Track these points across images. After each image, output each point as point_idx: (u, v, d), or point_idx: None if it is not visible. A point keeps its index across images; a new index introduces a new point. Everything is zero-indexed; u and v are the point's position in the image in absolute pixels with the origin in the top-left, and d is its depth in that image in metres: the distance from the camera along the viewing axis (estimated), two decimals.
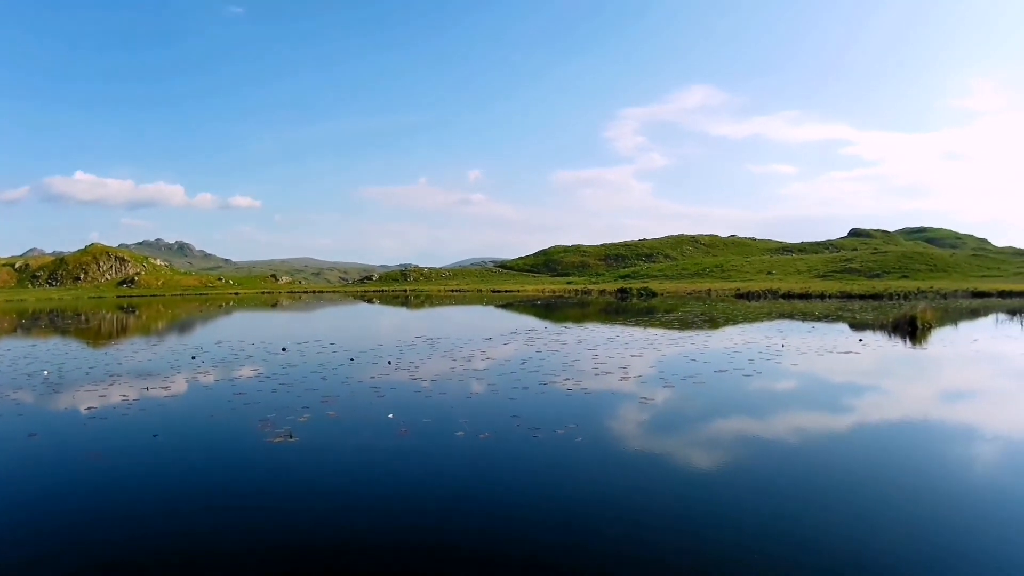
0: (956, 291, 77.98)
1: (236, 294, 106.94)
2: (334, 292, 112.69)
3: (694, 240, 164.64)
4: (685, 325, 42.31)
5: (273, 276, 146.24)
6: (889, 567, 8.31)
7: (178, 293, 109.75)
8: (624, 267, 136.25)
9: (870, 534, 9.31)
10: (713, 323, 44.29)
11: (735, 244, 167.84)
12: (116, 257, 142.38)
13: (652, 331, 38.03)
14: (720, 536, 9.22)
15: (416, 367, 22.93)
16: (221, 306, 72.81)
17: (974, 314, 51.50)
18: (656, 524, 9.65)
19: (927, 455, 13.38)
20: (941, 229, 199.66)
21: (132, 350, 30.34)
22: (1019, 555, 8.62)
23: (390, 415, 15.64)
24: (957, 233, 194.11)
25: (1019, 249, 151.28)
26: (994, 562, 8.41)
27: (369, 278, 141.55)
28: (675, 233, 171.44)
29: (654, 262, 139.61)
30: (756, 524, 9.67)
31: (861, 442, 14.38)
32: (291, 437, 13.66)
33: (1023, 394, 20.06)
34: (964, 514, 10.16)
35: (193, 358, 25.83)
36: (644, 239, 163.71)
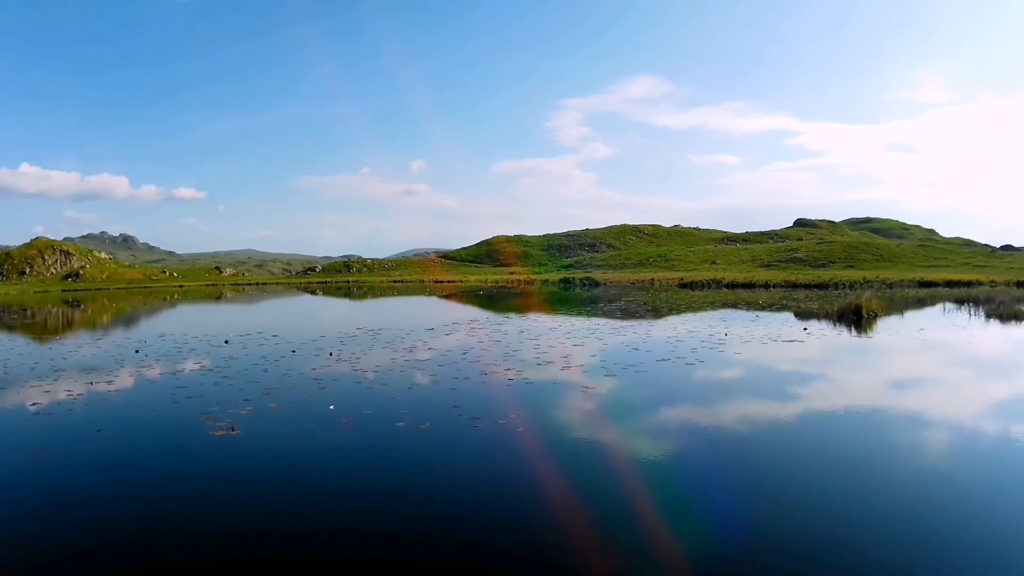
0: (902, 281, 78.32)
1: (180, 287, 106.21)
2: (277, 284, 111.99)
3: (637, 230, 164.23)
4: (628, 315, 42.43)
5: (217, 268, 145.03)
6: (839, 551, 8.48)
7: (122, 286, 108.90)
8: (567, 257, 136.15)
9: (819, 519, 9.48)
10: (656, 312, 44.39)
11: (679, 234, 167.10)
12: (61, 251, 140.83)
13: (595, 321, 38.15)
14: (664, 524, 9.29)
15: (358, 358, 22.92)
16: (165, 299, 72.28)
17: (921, 303, 51.86)
18: (598, 512, 9.70)
19: (872, 442, 13.54)
20: (888, 220, 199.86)
21: (77, 345, 30.09)
22: (966, 536, 8.81)
23: (331, 407, 15.65)
24: (904, 224, 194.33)
25: (967, 240, 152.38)
26: (942, 543, 8.62)
27: (312, 269, 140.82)
28: (618, 223, 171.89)
29: (597, 252, 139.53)
30: (701, 510, 9.80)
31: (805, 429, 14.62)
32: (233, 430, 13.64)
33: (968, 382, 20.28)
34: (912, 499, 10.34)
35: (137, 352, 25.66)
36: (587, 229, 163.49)
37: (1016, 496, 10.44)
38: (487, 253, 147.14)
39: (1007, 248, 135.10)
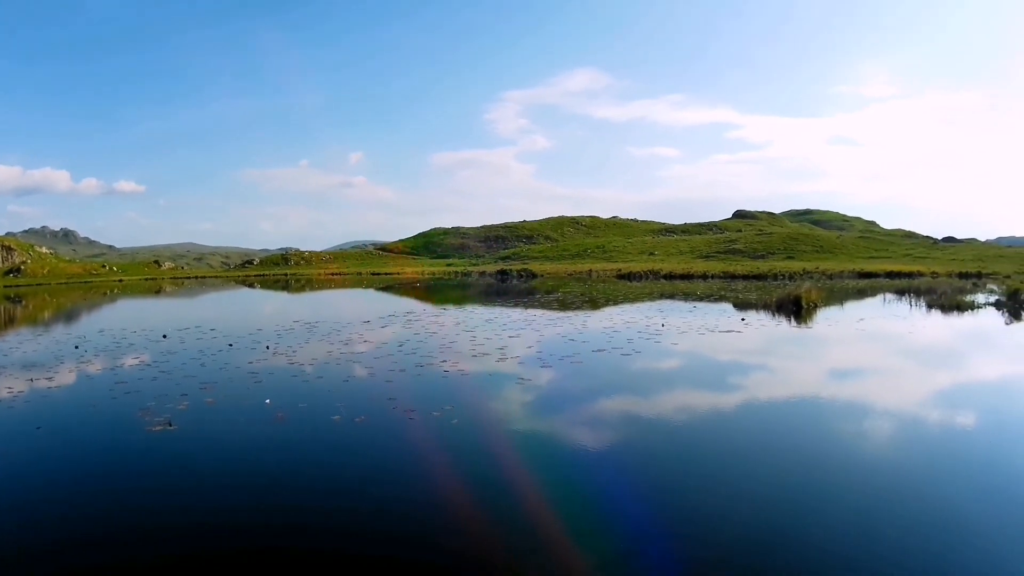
0: (843, 272, 78.16)
1: (120, 281, 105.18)
2: (216, 277, 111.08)
3: (575, 221, 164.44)
4: (565, 306, 42.46)
5: (156, 262, 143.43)
6: (784, 539, 8.63)
7: (63, 281, 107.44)
8: (505, 249, 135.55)
9: (763, 508, 9.63)
10: (593, 303, 44.47)
11: (617, 225, 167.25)
12: (3, 246, 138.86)
13: (531, 312, 38.20)
14: (598, 514, 9.44)
15: (294, 352, 22.91)
16: (105, 294, 70.89)
17: (861, 294, 51.91)
18: (532, 505, 9.77)
19: (812, 431, 13.78)
20: (828, 211, 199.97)
21: (17, 341, 29.66)
22: (912, 524, 8.98)
23: (267, 401, 15.69)
24: (845, 216, 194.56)
25: (909, 232, 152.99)
26: (887, 530, 8.76)
27: (250, 262, 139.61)
28: (556, 215, 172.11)
29: (535, 243, 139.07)
30: (636, 500, 9.88)
31: (744, 419, 14.79)
32: (170, 425, 13.65)
33: (908, 371, 20.58)
34: (855, 487, 10.49)
35: (77, 348, 25.40)
36: (525, 221, 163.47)
37: (958, 482, 10.68)
38: (424, 245, 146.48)
39: (949, 240, 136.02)
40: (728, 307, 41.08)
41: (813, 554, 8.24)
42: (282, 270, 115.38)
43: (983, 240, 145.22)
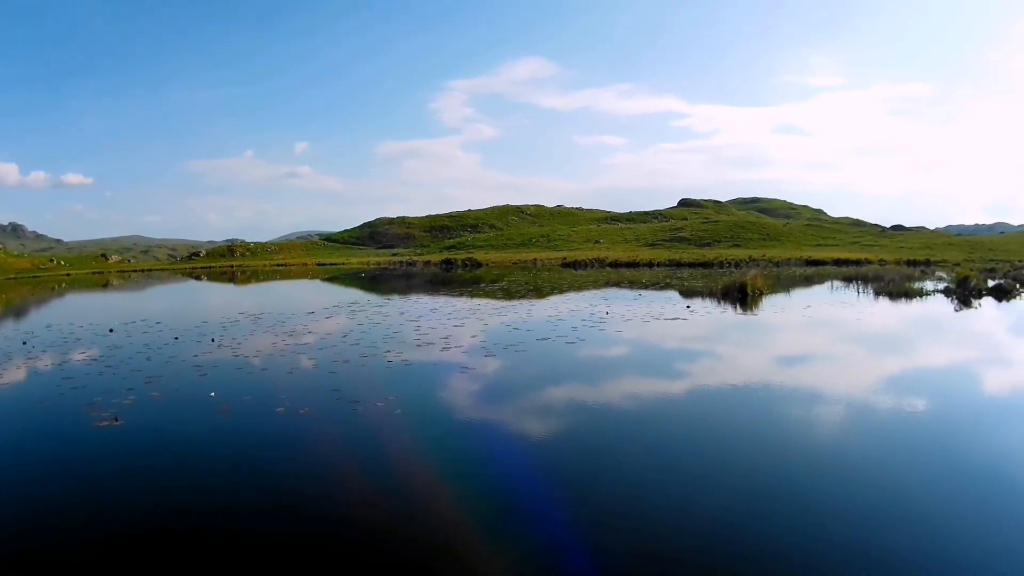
0: (789, 259, 78.46)
1: (68, 275, 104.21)
2: (163, 270, 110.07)
3: (520, 210, 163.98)
4: (509, 295, 42.47)
5: (103, 255, 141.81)
6: (731, 526, 8.71)
7: (11, 276, 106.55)
8: (450, 238, 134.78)
9: (710, 494, 9.75)
10: (538, 292, 44.57)
11: (562, 214, 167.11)
12: None
13: (476, 301, 38.32)
14: (547, 505, 9.46)
15: (239, 344, 22.89)
16: (53, 288, 69.34)
17: (808, 281, 52.06)
18: (476, 494, 9.88)
19: (757, 417, 13.91)
20: (775, 200, 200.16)
21: None
22: (858, 509, 9.10)
23: (212, 394, 15.63)
24: (792, 204, 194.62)
25: (856, 220, 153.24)
26: (833, 515, 8.95)
27: (197, 254, 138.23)
28: (501, 204, 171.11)
29: (480, 233, 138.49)
30: (585, 490, 10.01)
31: (688, 405, 14.95)
32: (116, 420, 13.60)
33: (853, 357, 20.79)
34: (800, 472, 10.73)
35: (24, 343, 25.12)
36: (470, 210, 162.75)
37: (907, 467, 10.86)
38: (370, 235, 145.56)
39: (898, 228, 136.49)
40: (674, 295, 41.11)
41: (767, 539, 8.37)
42: (228, 262, 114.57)
43: (932, 228, 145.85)
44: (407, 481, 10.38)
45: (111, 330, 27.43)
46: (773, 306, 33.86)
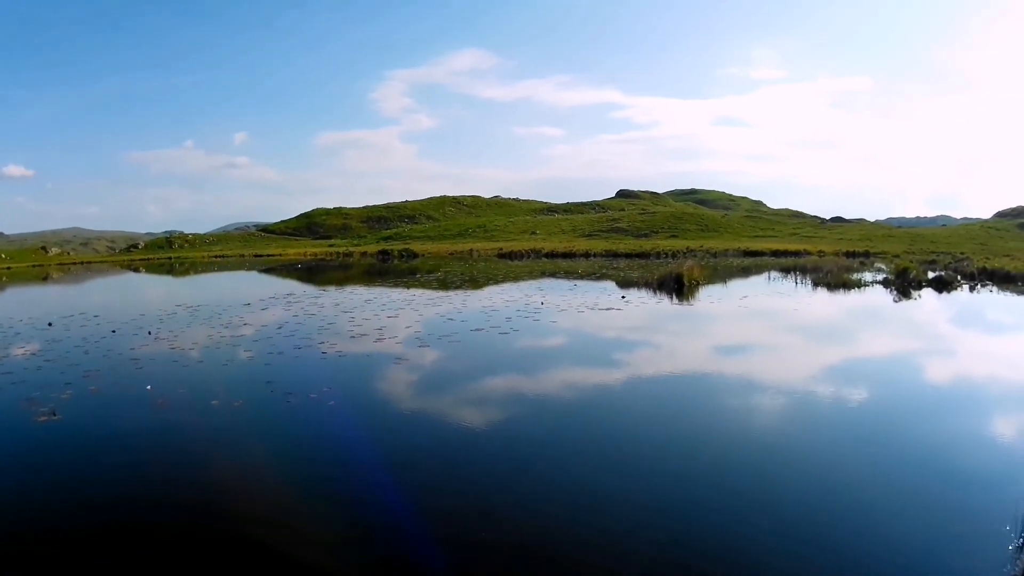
0: (727, 250, 78.37)
1: (9, 268, 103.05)
2: (102, 262, 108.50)
3: (457, 201, 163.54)
4: (445, 285, 42.52)
5: (43, 248, 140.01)
6: (668, 516, 8.88)
7: None
8: (386, 229, 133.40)
9: (646, 483, 9.95)
10: (474, 283, 44.54)
11: (498, 205, 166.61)
12: None
13: (411, 292, 38.19)
14: (479, 495, 9.63)
15: (175, 336, 22.74)
16: None
17: (745, 272, 52.22)
18: (410, 484, 10.02)
19: (691, 406, 14.24)
20: (714, 191, 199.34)
21: None
22: (788, 495, 9.41)
23: (148, 387, 15.65)
24: (731, 195, 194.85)
25: (796, 211, 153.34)
26: (774, 504, 9.13)
27: (135, 246, 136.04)
28: (439, 194, 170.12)
29: (417, 223, 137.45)
30: (514, 482, 10.14)
31: (614, 394, 15.20)
32: (54, 415, 13.57)
33: (781, 347, 21.14)
34: (737, 460, 10.92)
35: None
36: (407, 201, 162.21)
37: (840, 455, 11.10)
38: (307, 226, 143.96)
39: (837, 220, 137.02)
40: (609, 285, 41.30)
41: (706, 528, 8.55)
42: (166, 253, 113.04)
43: (873, 221, 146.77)
44: (338, 472, 10.57)
45: (50, 324, 27.17)
46: (709, 296, 34.16)
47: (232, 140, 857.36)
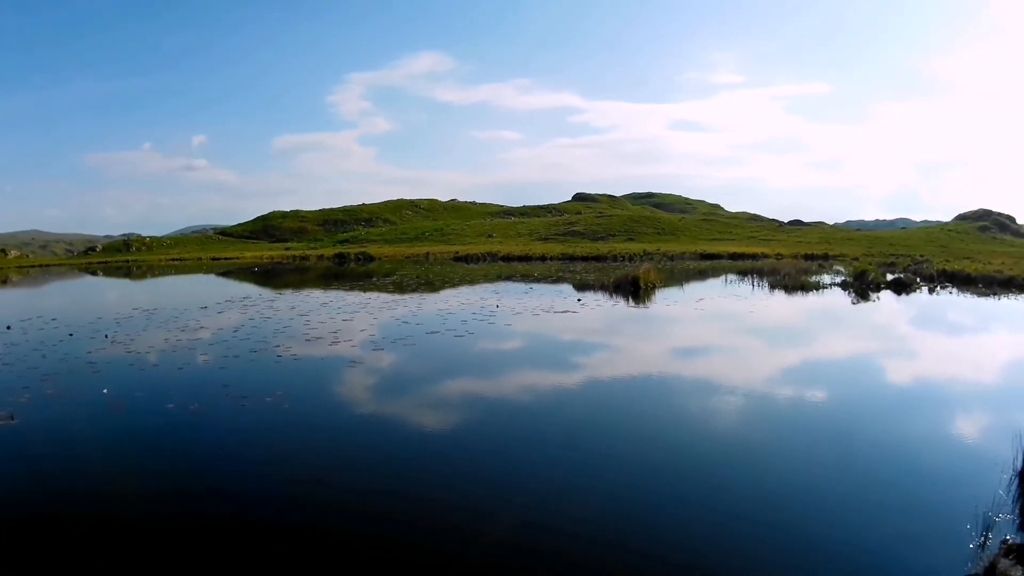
0: (684, 253, 78.55)
1: None
2: (61, 265, 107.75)
3: (414, 204, 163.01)
4: (401, 289, 42.54)
5: (2, 251, 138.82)
6: (616, 517, 9.00)
7: None
8: (343, 232, 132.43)
9: (603, 485, 10.08)
10: (430, 286, 44.48)
11: (455, 208, 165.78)
12: None
13: (367, 295, 38.13)
14: (433, 495, 9.74)
15: (132, 340, 22.63)
16: None
17: (702, 275, 52.38)
18: (363, 487, 10.16)
19: (639, 408, 14.37)
20: (671, 194, 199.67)
21: None
22: (750, 499, 9.46)
23: (104, 391, 15.59)
24: (688, 199, 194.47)
25: (754, 215, 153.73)
26: (732, 506, 9.24)
27: (93, 249, 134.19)
28: (396, 198, 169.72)
29: (373, 227, 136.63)
30: (470, 482, 10.25)
31: (569, 398, 15.27)
32: (12, 419, 13.54)
33: (735, 350, 21.35)
34: (694, 462, 11.10)
35: None
36: (364, 204, 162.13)
37: (800, 456, 11.36)
38: (264, 229, 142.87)
39: (796, 223, 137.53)
40: (565, 288, 41.55)
41: (663, 529, 8.71)
42: (124, 256, 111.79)
43: (831, 223, 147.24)
44: (293, 475, 10.63)
45: (8, 327, 26.98)
46: (665, 299, 34.27)
47: (190, 142, 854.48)
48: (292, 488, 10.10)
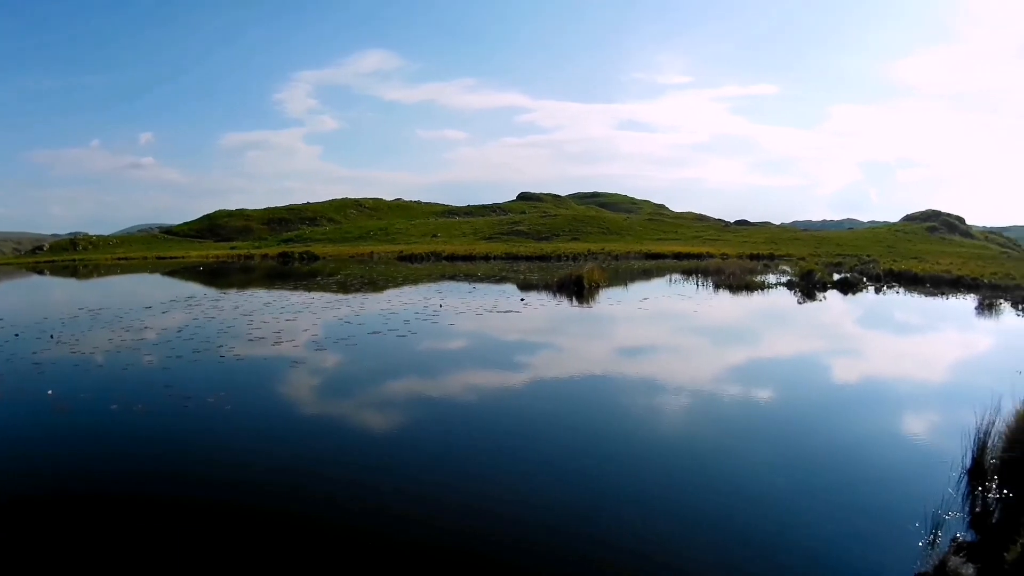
0: (629, 253, 78.77)
1: None
2: (7, 264, 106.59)
3: (359, 203, 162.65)
4: (345, 288, 42.41)
5: None
6: (574, 519, 9.06)
7: None
8: (288, 231, 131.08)
9: (551, 483, 10.24)
10: (373, 286, 44.46)
11: (400, 208, 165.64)
12: None
13: (311, 295, 38.14)
14: (373, 495, 9.90)
15: (77, 340, 22.43)
16: None
17: (647, 275, 52.71)
18: (303, 486, 10.26)
19: (579, 407, 14.60)
20: (616, 194, 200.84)
21: None
22: (696, 499, 9.70)
23: (49, 392, 15.51)
24: (633, 198, 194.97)
25: (699, 215, 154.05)
26: (676, 505, 9.46)
27: (40, 248, 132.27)
28: (341, 196, 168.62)
29: (318, 226, 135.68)
30: (414, 482, 10.38)
31: (510, 397, 15.57)
32: None
33: (683, 349, 21.76)
34: (639, 461, 11.26)
35: None
36: (308, 203, 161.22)
37: (747, 456, 11.50)
38: (209, 228, 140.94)
39: (742, 223, 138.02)
40: (509, 287, 41.62)
41: (605, 529, 8.80)
42: (71, 255, 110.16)
43: (778, 224, 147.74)
44: (231, 477, 10.68)
45: None
46: (609, 299, 34.50)
47: (138, 140, 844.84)
48: (232, 490, 10.17)
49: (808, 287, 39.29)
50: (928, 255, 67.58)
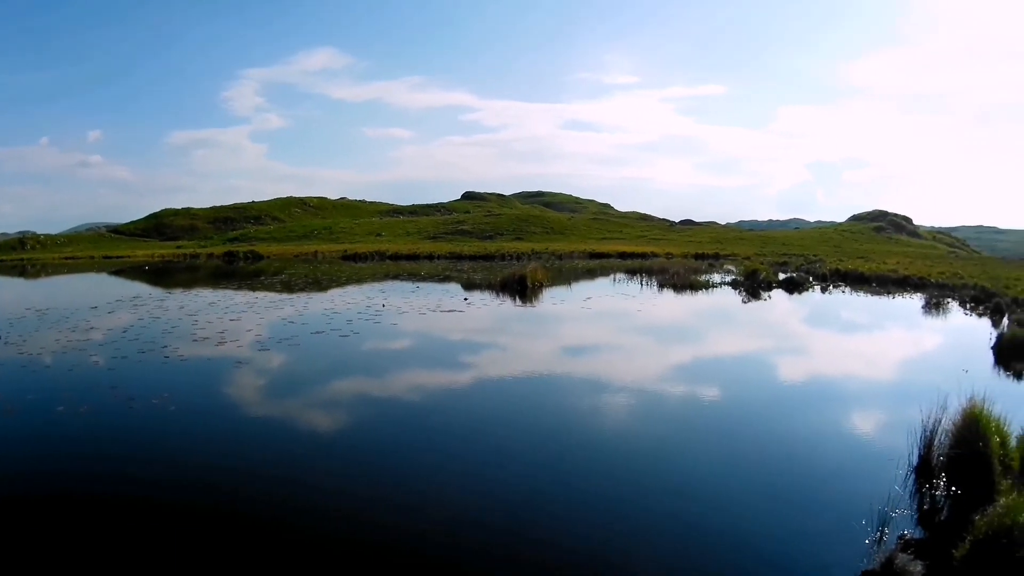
0: (573, 252, 79.68)
1: None
2: None
3: (303, 202, 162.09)
4: (288, 288, 42.48)
5: None
6: (515, 519, 9.19)
7: None
8: (233, 230, 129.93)
9: (497, 482, 10.42)
10: (317, 285, 44.47)
11: (344, 206, 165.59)
12: None
13: (255, 295, 38.09)
14: (316, 496, 9.94)
15: (24, 341, 22.34)
16: None
17: (591, 274, 53.32)
18: (247, 486, 10.37)
19: (521, 406, 14.75)
20: (561, 194, 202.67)
21: None
22: (642, 498, 9.81)
23: None
24: (578, 198, 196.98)
25: (644, 214, 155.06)
26: (623, 503, 9.57)
27: None
28: (285, 195, 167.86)
29: (263, 224, 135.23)
30: (350, 478, 10.58)
31: (448, 397, 15.73)
32: None
33: (624, 348, 21.98)
34: (587, 459, 11.43)
35: None
36: (253, 201, 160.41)
37: (693, 454, 11.82)
38: (155, 227, 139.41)
39: (687, 223, 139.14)
40: (453, 287, 41.98)
41: (552, 529, 8.90)
42: (19, 255, 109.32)
43: (724, 224, 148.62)
44: (175, 478, 10.72)
45: None
46: (552, 298, 34.95)
47: (86, 138, 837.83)
48: (176, 491, 10.18)
49: (753, 286, 39.87)
50: (875, 255, 68.52)
